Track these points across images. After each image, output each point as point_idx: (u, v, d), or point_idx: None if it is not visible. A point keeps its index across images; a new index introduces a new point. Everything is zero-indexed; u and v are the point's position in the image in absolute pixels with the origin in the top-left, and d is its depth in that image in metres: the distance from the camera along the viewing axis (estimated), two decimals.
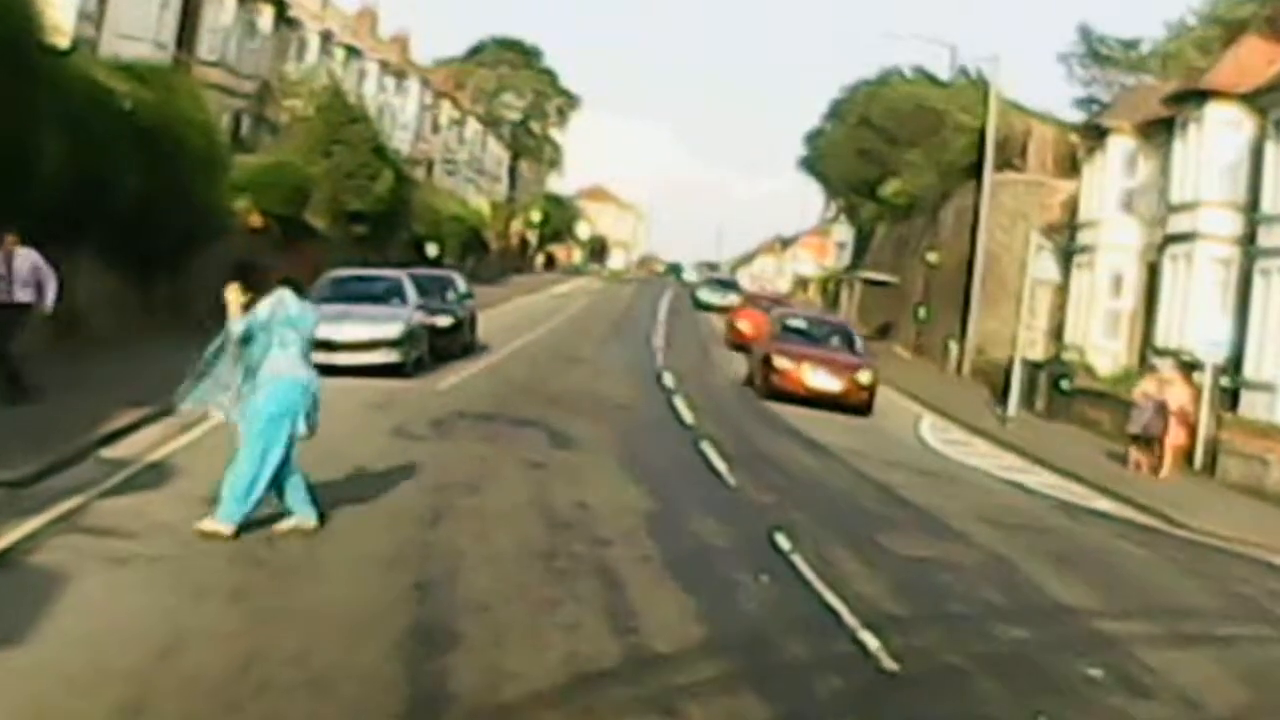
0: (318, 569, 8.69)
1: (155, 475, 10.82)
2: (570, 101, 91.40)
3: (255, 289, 9.18)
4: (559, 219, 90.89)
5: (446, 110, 68.08)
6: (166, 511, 9.56)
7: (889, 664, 7.81)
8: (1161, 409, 21.49)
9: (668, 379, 25.12)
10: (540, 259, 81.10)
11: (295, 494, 9.39)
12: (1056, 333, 34.15)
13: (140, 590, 7.81)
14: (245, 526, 9.10)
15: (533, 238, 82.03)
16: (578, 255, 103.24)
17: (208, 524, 8.96)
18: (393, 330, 20.32)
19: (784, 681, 7.45)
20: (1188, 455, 22.15)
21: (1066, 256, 34.39)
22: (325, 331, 19.76)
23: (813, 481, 15.98)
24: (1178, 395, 21.76)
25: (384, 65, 56.05)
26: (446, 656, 7.05)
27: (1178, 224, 28.04)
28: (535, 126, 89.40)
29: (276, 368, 9.11)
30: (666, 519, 11.82)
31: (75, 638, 6.75)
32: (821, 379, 24.21)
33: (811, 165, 67.46)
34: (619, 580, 9.18)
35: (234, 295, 9.07)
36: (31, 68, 15.39)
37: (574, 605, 8.38)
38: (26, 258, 14.02)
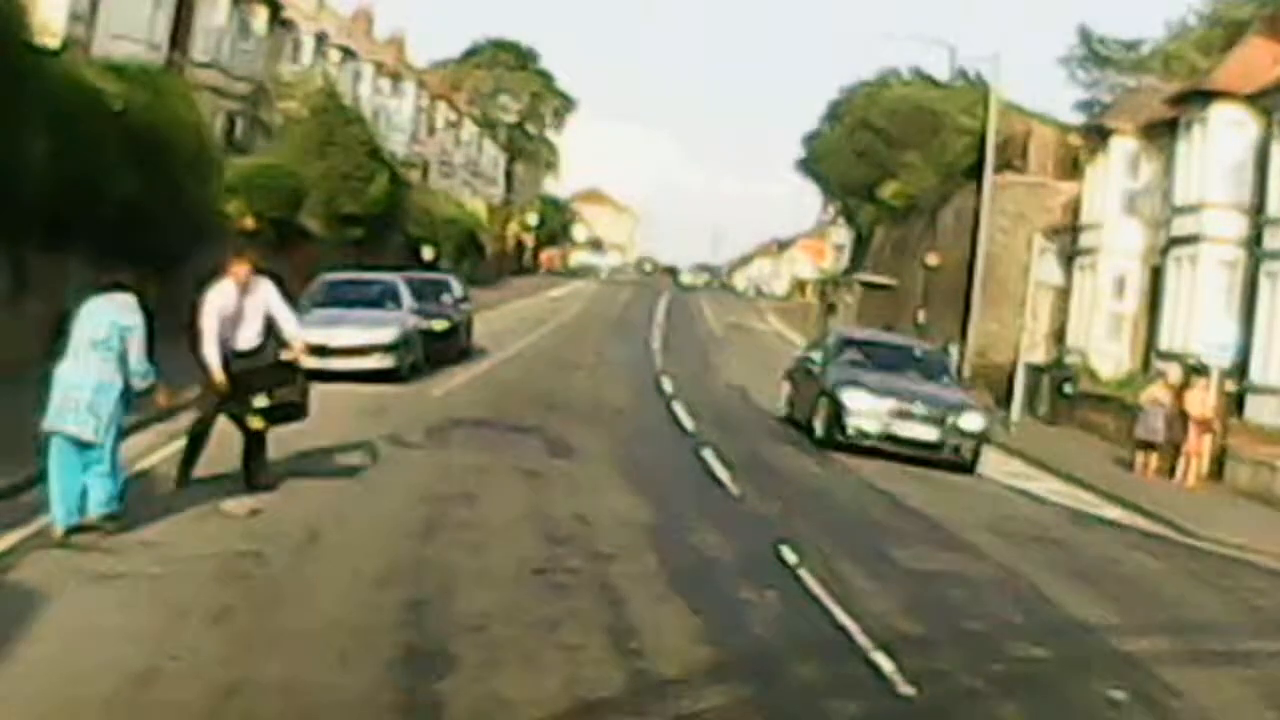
0: (305, 587, 8.36)
1: (140, 486, 10.43)
2: (567, 104, 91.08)
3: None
4: (555, 221, 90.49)
5: (442, 112, 67.69)
6: (149, 526, 9.22)
7: (905, 688, 7.45)
8: (1180, 416, 21.12)
9: (666, 384, 24.79)
10: (527, 260, 79.87)
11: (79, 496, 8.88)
12: (1058, 336, 33.85)
13: (119, 610, 7.48)
14: (230, 541, 8.88)
15: (529, 240, 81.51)
16: (573, 257, 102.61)
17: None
18: (387, 335, 20.06)
19: (796, 709, 7.10)
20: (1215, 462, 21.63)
21: (1068, 259, 34.12)
22: (319, 336, 19.73)
23: (817, 490, 15.65)
24: (1197, 402, 21.33)
25: (379, 67, 55.70)
26: (441, 682, 6.73)
27: (1182, 226, 27.74)
28: (531, 129, 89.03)
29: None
30: (668, 532, 11.47)
31: (49, 662, 6.45)
32: None
33: (809, 167, 67.13)
34: (620, 597, 8.84)
35: None
36: (17, 67, 15.04)
37: (574, 625, 8.03)
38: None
